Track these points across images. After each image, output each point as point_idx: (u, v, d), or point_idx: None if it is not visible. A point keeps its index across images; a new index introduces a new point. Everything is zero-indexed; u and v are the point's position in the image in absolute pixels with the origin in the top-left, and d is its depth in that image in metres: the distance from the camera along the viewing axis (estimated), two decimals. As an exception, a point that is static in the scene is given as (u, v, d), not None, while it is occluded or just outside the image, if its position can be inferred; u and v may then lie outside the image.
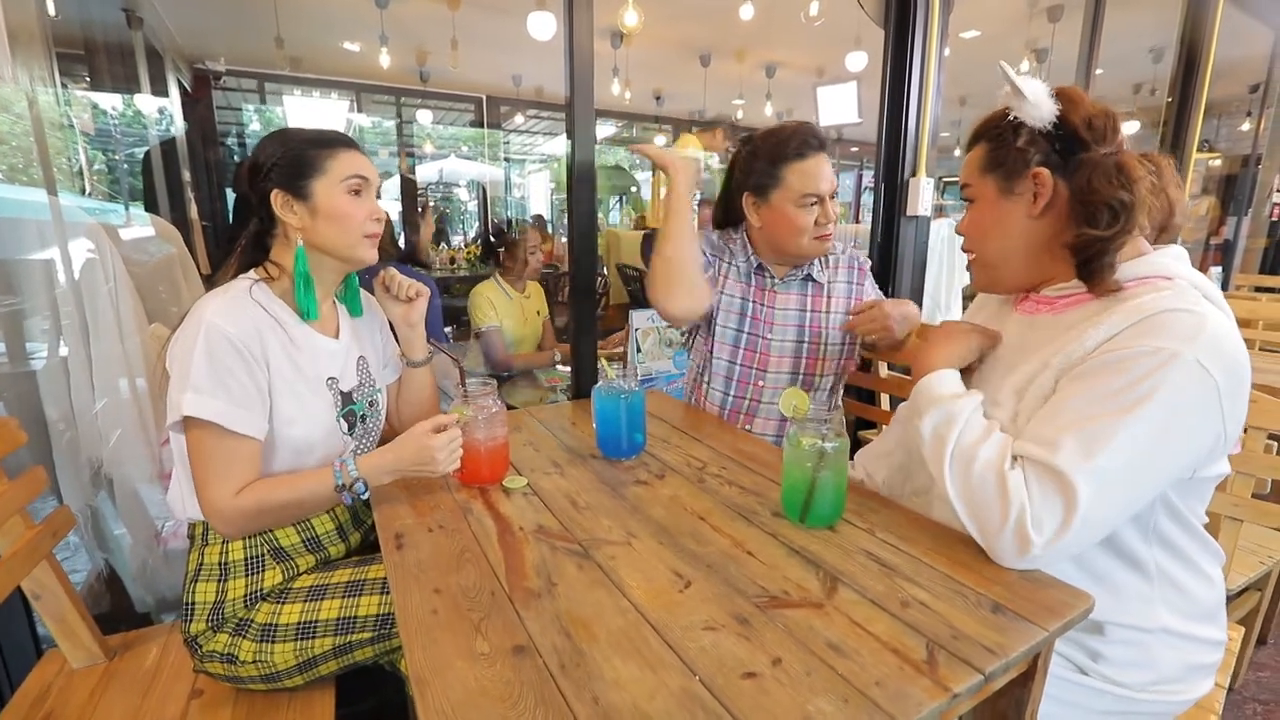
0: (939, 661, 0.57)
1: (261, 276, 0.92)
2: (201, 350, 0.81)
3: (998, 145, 0.79)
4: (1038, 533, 0.66)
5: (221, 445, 0.83)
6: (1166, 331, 0.67)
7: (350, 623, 0.88)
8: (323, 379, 0.95)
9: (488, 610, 0.66)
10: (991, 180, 0.80)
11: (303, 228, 0.91)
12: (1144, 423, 0.65)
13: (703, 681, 0.55)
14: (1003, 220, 0.80)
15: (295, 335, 0.92)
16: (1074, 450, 0.65)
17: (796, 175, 1.21)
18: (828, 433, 0.79)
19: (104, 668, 0.99)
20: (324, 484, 0.88)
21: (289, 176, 0.90)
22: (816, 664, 0.57)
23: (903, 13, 1.87)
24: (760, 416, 1.32)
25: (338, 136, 0.95)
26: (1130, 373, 0.66)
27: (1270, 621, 1.59)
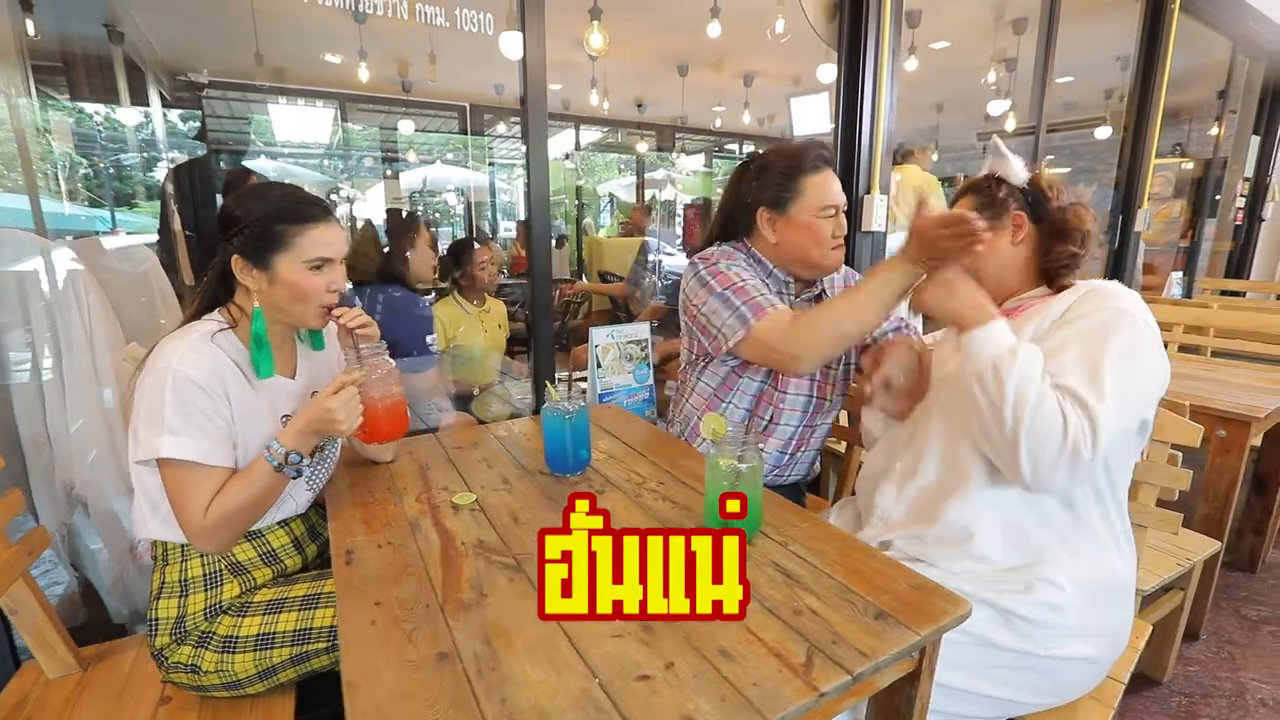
0: (815, 664, 0.64)
1: (225, 322, 0.98)
2: (170, 394, 0.86)
3: (985, 195, 1.04)
4: (1084, 450, 0.82)
5: (195, 477, 0.89)
6: (1107, 295, 0.93)
7: (306, 634, 0.94)
8: (277, 416, 1.01)
9: (420, 621, 0.72)
10: (981, 219, 0.96)
11: (259, 291, 0.96)
12: (1119, 350, 0.86)
13: (600, 684, 0.61)
14: (991, 247, 0.99)
15: (253, 378, 0.98)
16: (1086, 381, 0.85)
17: (813, 187, 1.24)
18: (744, 454, 0.86)
19: (78, 677, 1.05)
20: (263, 473, 0.92)
21: (254, 246, 0.94)
22: (705, 668, 0.64)
23: (854, 34, 1.94)
24: (775, 437, 1.32)
25: (313, 212, 0.97)
26: (1098, 324, 0.89)
27: (1200, 616, 1.68)
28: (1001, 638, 0.90)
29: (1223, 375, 2.00)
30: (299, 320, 1.00)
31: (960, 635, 0.87)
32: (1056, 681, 0.95)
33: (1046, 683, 0.94)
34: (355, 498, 1.06)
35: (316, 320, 1.00)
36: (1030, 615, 0.90)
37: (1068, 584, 0.92)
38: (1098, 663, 0.97)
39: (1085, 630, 0.93)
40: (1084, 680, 0.98)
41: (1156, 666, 1.55)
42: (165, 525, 0.94)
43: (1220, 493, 1.60)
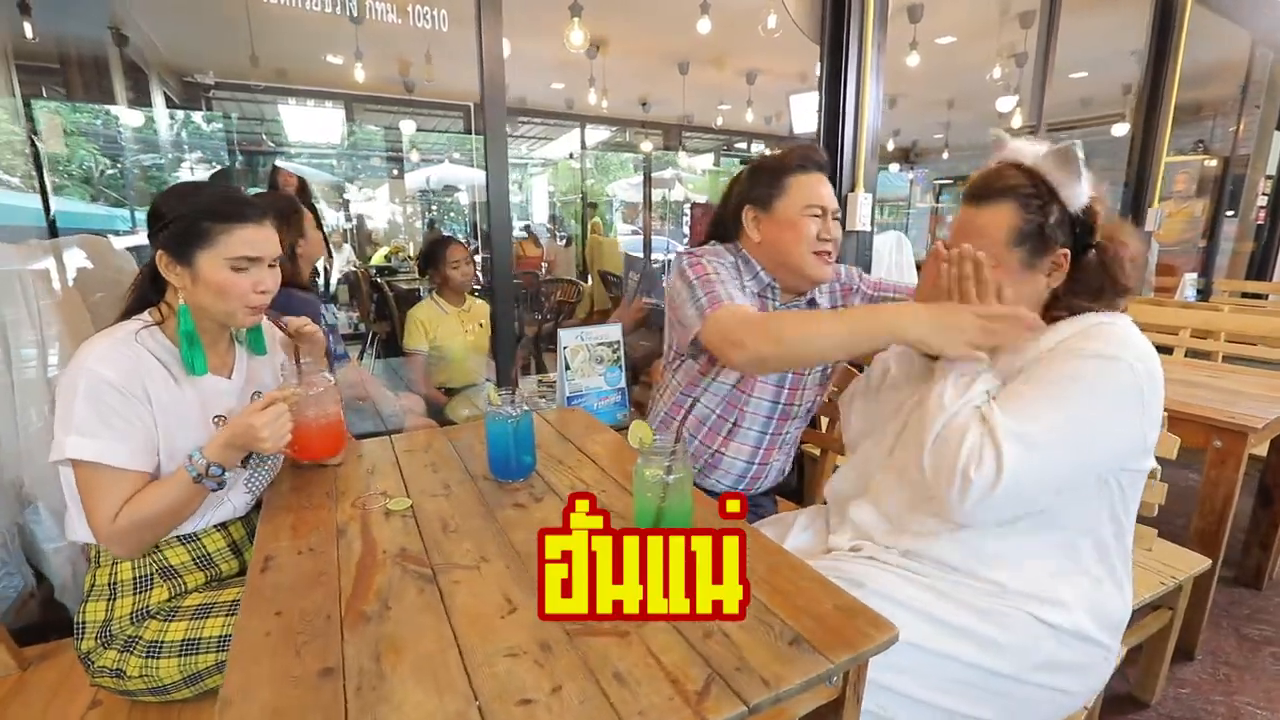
0: (711, 693, 0.60)
1: (154, 320, 0.96)
2: (83, 394, 0.85)
3: (1029, 218, 0.86)
4: (976, 476, 0.77)
5: (105, 479, 0.87)
6: (1103, 338, 0.83)
7: (226, 640, 0.92)
8: (209, 417, 0.99)
9: (316, 633, 0.70)
10: (1017, 253, 0.87)
11: (183, 288, 0.94)
12: (1070, 405, 0.79)
13: (479, 707, 0.58)
14: (1020, 288, 0.88)
15: (180, 376, 0.96)
16: (1015, 419, 0.79)
17: (798, 185, 1.20)
18: (671, 465, 0.82)
19: (16, 678, 1.04)
20: (181, 483, 0.90)
21: (177, 241, 0.92)
22: (594, 693, 0.60)
23: (836, 28, 1.89)
24: (739, 441, 1.30)
25: (243, 211, 0.95)
26: (1073, 368, 0.81)
27: (1194, 635, 1.59)
28: (980, 658, 0.85)
29: (1228, 383, 1.90)
30: (225, 318, 0.98)
31: (934, 651, 0.84)
32: (1026, 707, 0.90)
33: (1016, 706, 0.89)
34: (292, 501, 1.04)
35: (244, 318, 0.98)
36: (1012, 642, 0.85)
37: (1049, 614, 0.87)
38: (1072, 694, 0.93)
39: (1064, 663, 0.88)
40: (1056, 709, 0.93)
41: (1145, 688, 1.48)
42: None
43: (1216, 506, 1.52)
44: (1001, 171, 0.91)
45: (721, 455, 1.31)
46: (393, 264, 5.23)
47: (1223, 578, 1.94)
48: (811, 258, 1.21)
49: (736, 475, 1.33)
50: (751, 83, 4.82)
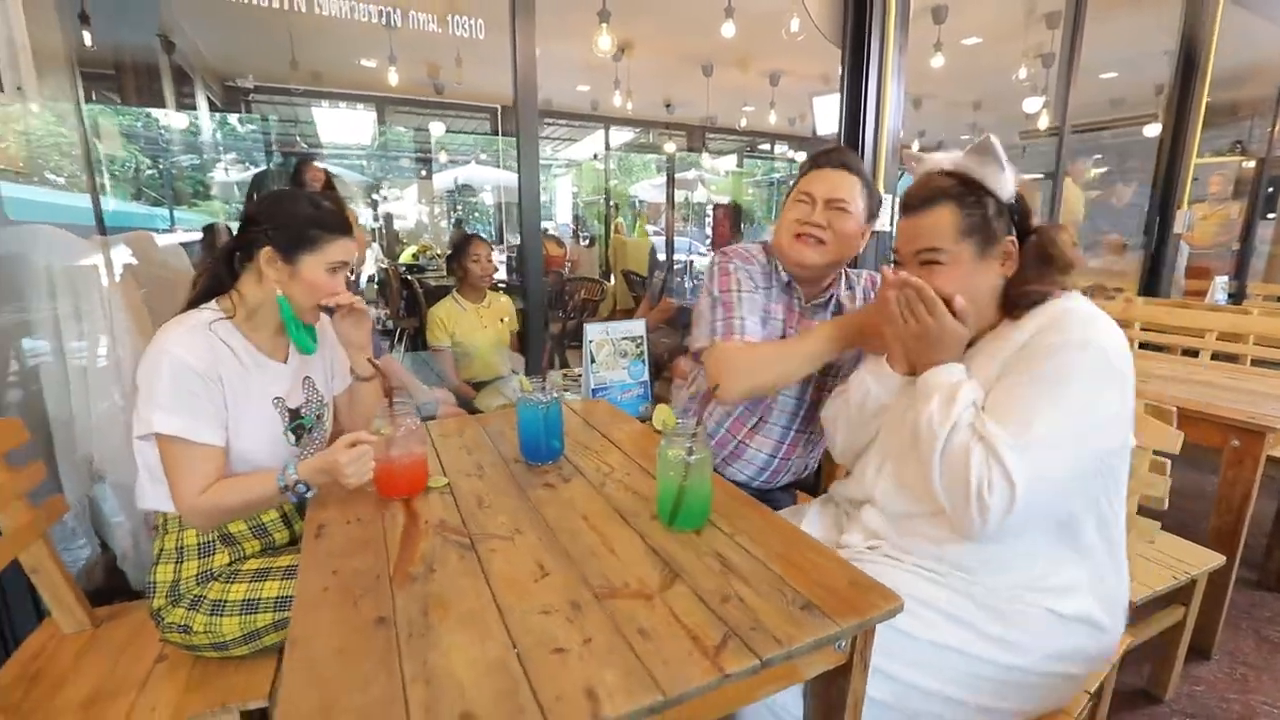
0: (728, 647, 0.66)
1: (224, 310, 1.07)
2: (167, 376, 0.95)
3: (970, 212, 0.91)
4: (994, 500, 0.80)
5: (186, 453, 0.97)
6: (1067, 326, 0.85)
7: (287, 601, 1.01)
8: (269, 398, 1.09)
9: (368, 590, 0.77)
10: (968, 245, 0.91)
11: (278, 281, 1.06)
12: (1059, 402, 0.81)
13: (518, 654, 0.65)
14: (981, 280, 0.92)
15: (247, 362, 1.07)
16: (1011, 429, 0.81)
17: (804, 179, 1.28)
18: (692, 446, 0.88)
19: (90, 634, 1.14)
20: (269, 487, 1.00)
21: (288, 242, 1.05)
22: (620, 645, 0.66)
23: (858, 31, 1.93)
24: (763, 435, 1.34)
25: (343, 224, 1.10)
26: (1051, 366, 0.83)
27: (1211, 635, 1.60)
28: (996, 654, 0.88)
29: (1252, 384, 1.89)
30: (299, 312, 1.09)
31: (939, 643, 0.88)
32: (1035, 694, 0.93)
33: (1025, 694, 0.92)
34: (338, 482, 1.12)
35: (311, 315, 1.11)
36: (1026, 637, 0.89)
37: (1059, 604, 0.90)
38: (1076, 677, 0.96)
39: (1070, 650, 0.91)
40: (1061, 693, 0.96)
41: (1158, 684, 1.49)
42: (165, 497, 1.02)
43: (1233, 505, 1.53)
44: (930, 179, 0.96)
45: (745, 446, 1.35)
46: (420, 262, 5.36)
47: (1245, 580, 1.94)
48: (788, 238, 1.26)
49: (757, 468, 1.37)
50: (775, 84, 4.85)
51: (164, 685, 1.02)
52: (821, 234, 1.24)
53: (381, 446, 1.01)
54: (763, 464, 1.37)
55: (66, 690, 1.01)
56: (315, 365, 1.21)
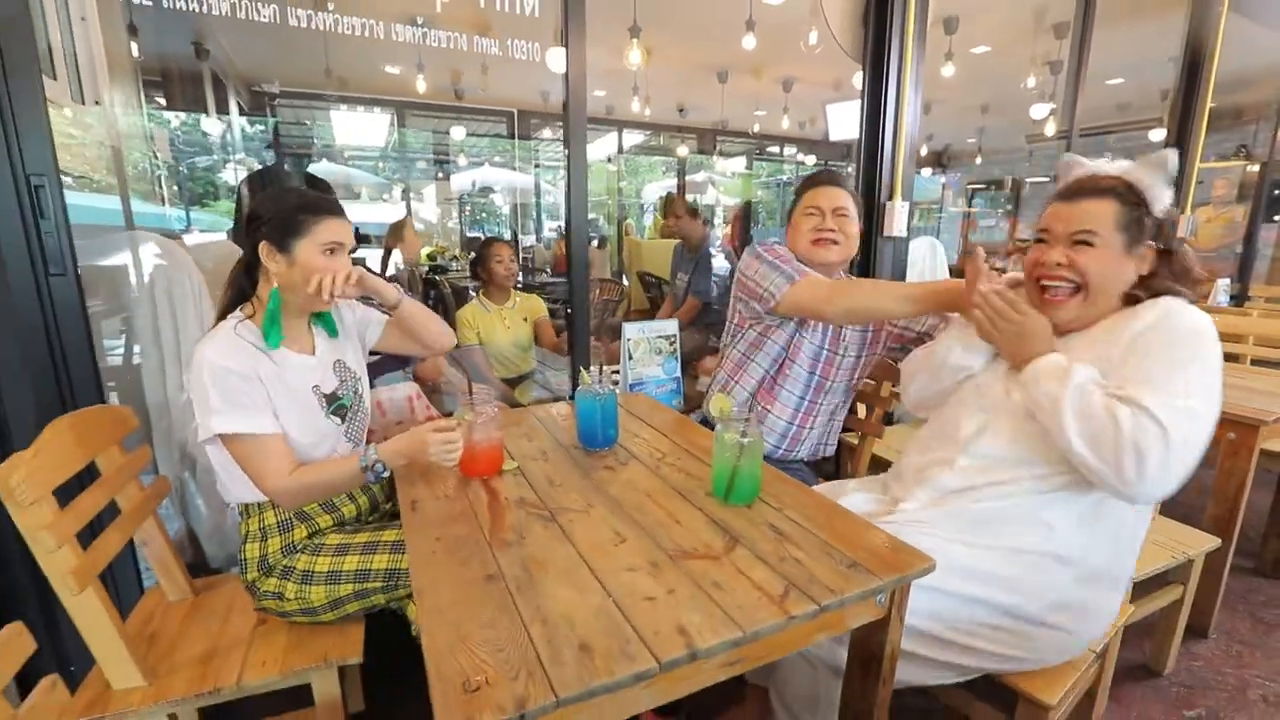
0: (790, 596, 0.78)
1: (247, 314, 1.13)
2: (211, 383, 1.03)
3: (1131, 213, 1.02)
4: (1151, 451, 0.86)
5: (254, 446, 1.06)
6: (1188, 314, 0.97)
7: (366, 574, 1.12)
8: (307, 389, 1.16)
9: (472, 552, 0.89)
10: (1121, 237, 1.02)
11: (279, 273, 1.11)
12: (1198, 370, 0.91)
13: (615, 601, 0.77)
14: (1121, 270, 1.04)
15: (277, 359, 1.13)
16: (1158, 394, 0.89)
17: (806, 196, 1.56)
18: (746, 430, 1.00)
19: (191, 601, 1.27)
20: (351, 467, 1.10)
21: (279, 233, 1.09)
22: (700, 594, 0.78)
23: (879, 48, 2.04)
24: (781, 402, 1.54)
25: (326, 205, 1.13)
26: (1180, 343, 0.94)
27: (1208, 614, 1.71)
28: (1004, 601, 1.00)
29: (1253, 382, 2.00)
30: (307, 299, 1.13)
31: (954, 595, 0.99)
32: (1034, 646, 1.05)
33: (1024, 644, 1.04)
34: (418, 464, 1.24)
35: (323, 302, 1.14)
36: (1033, 585, 1.01)
37: (1076, 570, 1.02)
38: (1076, 634, 1.07)
39: (1073, 604, 1.03)
40: (1061, 649, 1.08)
41: (1158, 659, 1.60)
42: (243, 489, 1.13)
43: (1229, 494, 1.64)
44: (1098, 176, 1.07)
45: (768, 412, 1.56)
46: (440, 262, 5.49)
47: (1243, 567, 2.05)
48: (806, 245, 1.52)
49: (779, 434, 1.57)
50: (788, 90, 4.96)
51: (267, 644, 1.14)
52: (835, 236, 1.51)
53: (465, 431, 1.13)
54: (783, 430, 1.56)
55: (182, 648, 1.13)
56: (344, 347, 1.28)
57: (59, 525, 0.91)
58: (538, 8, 1.66)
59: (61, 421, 1.03)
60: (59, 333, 1.28)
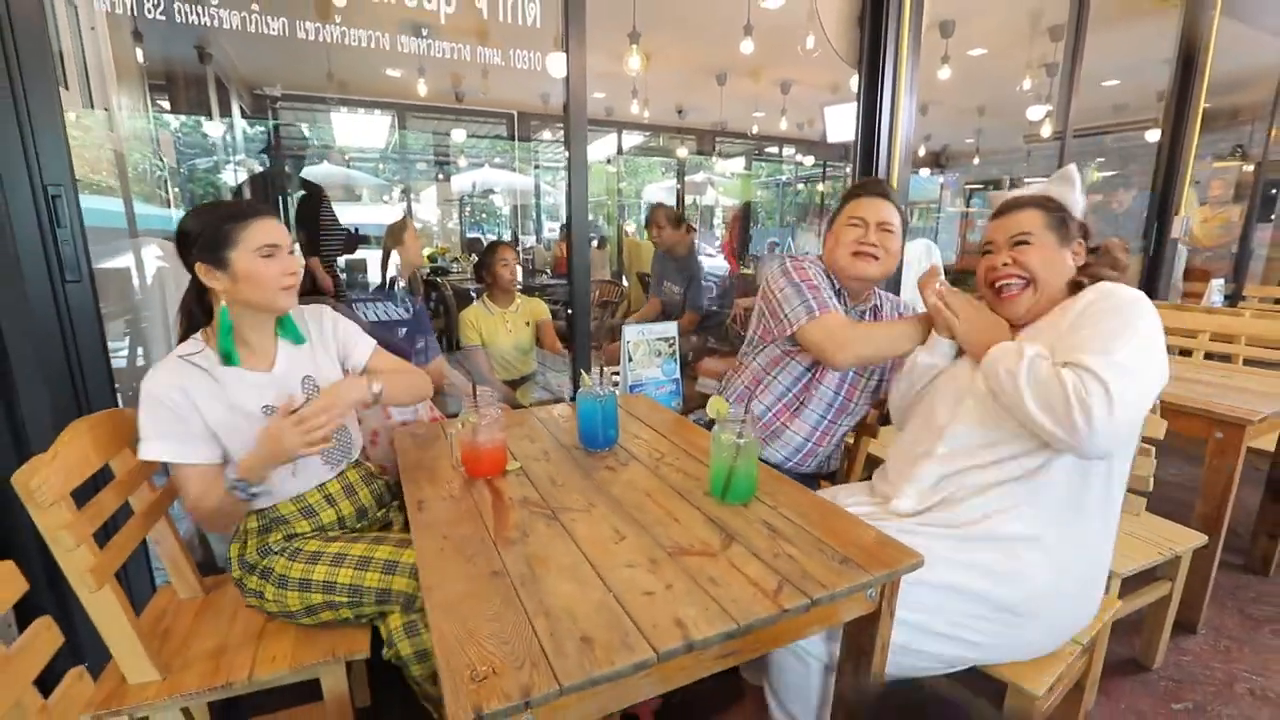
0: (783, 591, 0.81)
1: (202, 340, 1.13)
2: (142, 411, 1.05)
3: (1054, 216, 1.17)
4: (1094, 403, 0.94)
5: (178, 472, 1.08)
6: (1124, 289, 1.07)
7: (331, 586, 1.13)
8: (258, 408, 1.13)
9: (477, 550, 0.93)
10: (1051, 235, 1.17)
11: (225, 290, 1.08)
12: (1132, 333, 0.99)
13: (615, 596, 0.80)
14: (1059, 261, 1.17)
15: (223, 379, 1.11)
16: (1096, 355, 0.98)
17: (850, 206, 1.51)
18: (742, 430, 1.04)
19: (202, 600, 1.30)
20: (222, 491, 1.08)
21: (210, 249, 1.07)
22: (696, 589, 0.82)
23: (874, 53, 2.08)
24: (802, 420, 1.54)
25: (250, 209, 1.10)
26: (1114, 312, 1.03)
27: (1196, 610, 1.75)
28: (987, 590, 1.04)
29: (1240, 382, 2.03)
30: (266, 305, 1.12)
31: (940, 587, 1.03)
32: (1018, 635, 1.08)
33: (1008, 634, 1.07)
34: (422, 463, 1.28)
35: (284, 300, 1.12)
36: (1013, 573, 1.05)
37: (1051, 554, 1.06)
38: (1061, 627, 1.11)
39: (1058, 595, 1.07)
40: (1046, 637, 1.11)
41: (1147, 654, 1.64)
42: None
43: (1217, 492, 1.67)
44: (1019, 195, 1.23)
45: (786, 428, 1.55)
46: (441, 264, 5.52)
47: (1231, 564, 2.08)
48: (849, 256, 1.47)
49: (793, 449, 1.56)
50: (786, 92, 4.99)
51: (277, 640, 1.17)
52: (876, 251, 1.46)
53: (469, 433, 1.17)
54: (798, 446, 1.56)
55: (195, 644, 1.16)
56: (317, 362, 1.23)
57: (77, 525, 0.94)
58: (539, 18, 1.69)
59: (79, 424, 1.07)
60: (75, 338, 1.31)
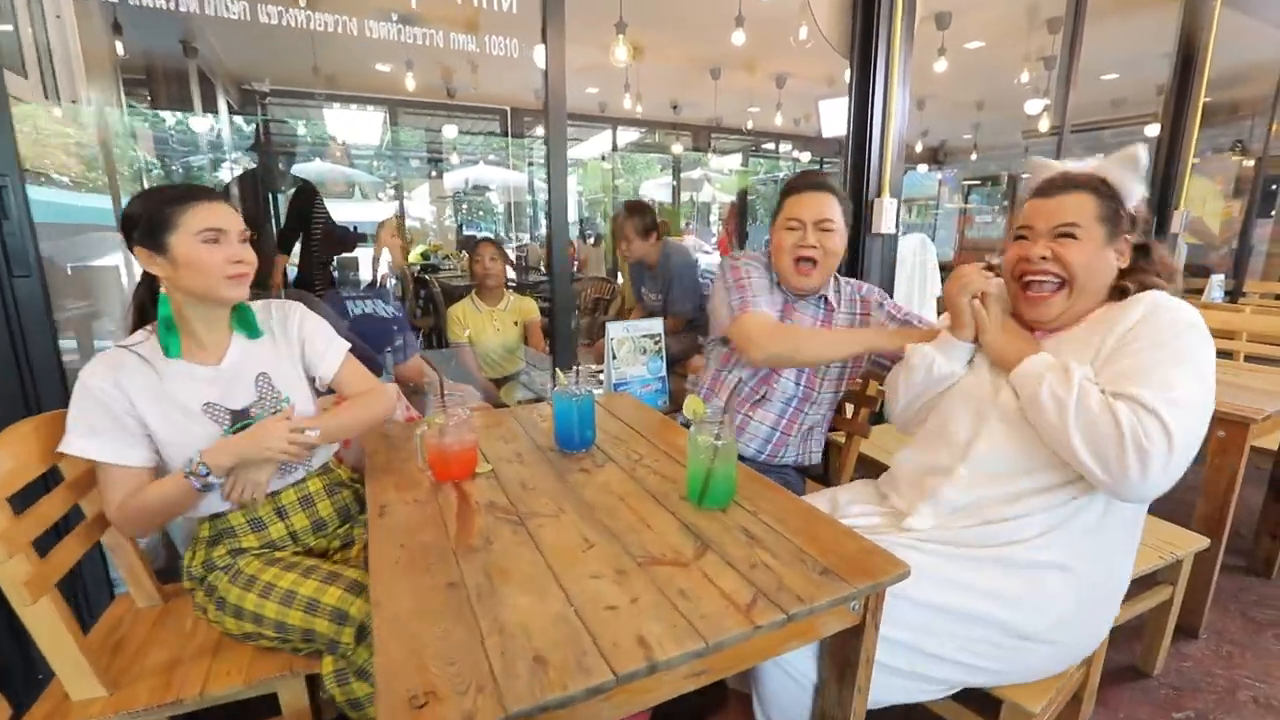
0: (757, 605, 0.75)
1: (150, 330, 1.07)
2: (74, 402, 0.99)
3: (1108, 206, 1.02)
4: (1154, 450, 0.84)
5: (102, 472, 1.01)
6: (1179, 308, 0.95)
7: (259, 618, 1.06)
8: (198, 404, 1.06)
9: (436, 560, 0.87)
10: (1100, 229, 1.02)
11: (167, 277, 1.02)
12: (1194, 364, 0.90)
13: (576, 610, 0.75)
14: (1103, 263, 1.03)
15: (163, 371, 1.04)
16: (1154, 389, 0.87)
17: (788, 204, 1.45)
18: (720, 432, 0.98)
19: (161, 609, 1.24)
20: (178, 479, 1.00)
21: (149, 234, 1.00)
22: (664, 603, 0.76)
23: (866, 43, 2.02)
24: (766, 410, 1.52)
25: (192, 192, 1.03)
26: (1172, 336, 0.92)
27: (1198, 615, 1.69)
28: (1004, 618, 0.97)
29: (1245, 380, 1.97)
30: (209, 294, 1.04)
31: (951, 611, 0.97)
32: (1029, 660, 1.02)
33: (1019, 659, 1.01)
34: (391, 465, 1.22)
35: (230, 289, 1.05)
36: (1035, 600, 0.98)
37: (1079, 581, 0.99)
38: (1071, 649, 1.05)
39: (1078, 623, 1.01)
40: (1054, 663, 1.05)
41: (1147, 661, 1.58)
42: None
43: (1219, 492, 1.62)
44: (1072, 173, 1.07)
45: (750, 419, 1.53)
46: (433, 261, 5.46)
47: (1233, 566, 2.03)
48: (790, 266, 1.44)
49: (762, 440, 1.53)
50: (781, 86, 4.93)
51: (233, 652, 1.11)
52: (815, 254, 1.41)
53: (436, 434, 1.11)
54: (766, 436, 1.53)
55: (148, 656, 1.11)
56: (272, 358, 1.16)
57: (11, 534, 0.89)
58: (515, 4, 1.63)
59: (21, 426, 1.01)
60: (23, 335, 1.25)
